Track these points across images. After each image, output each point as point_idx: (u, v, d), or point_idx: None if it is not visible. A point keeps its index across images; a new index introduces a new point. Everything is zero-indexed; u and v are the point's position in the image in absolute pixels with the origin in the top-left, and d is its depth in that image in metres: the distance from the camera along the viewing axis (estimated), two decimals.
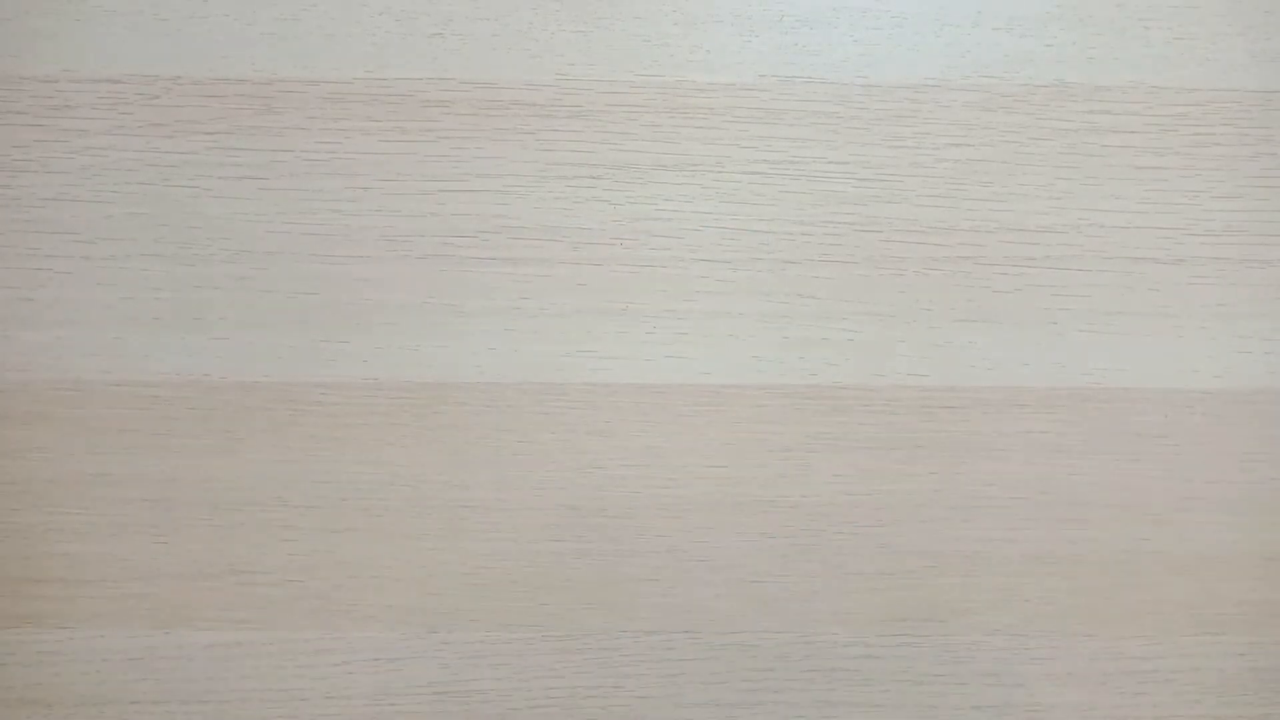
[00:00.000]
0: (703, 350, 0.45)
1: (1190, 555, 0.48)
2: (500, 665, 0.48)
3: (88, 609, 0.47)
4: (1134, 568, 0.48)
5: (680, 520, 0.47)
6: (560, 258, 0.44)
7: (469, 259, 0.44)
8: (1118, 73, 0.43)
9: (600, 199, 0.44)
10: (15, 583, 0.47)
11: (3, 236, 0.43)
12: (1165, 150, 0.44)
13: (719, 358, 0.45)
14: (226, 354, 0.45)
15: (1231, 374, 0.46)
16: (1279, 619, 0.49)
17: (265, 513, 0.47)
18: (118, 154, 0.43)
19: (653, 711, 0.49)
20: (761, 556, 0.48)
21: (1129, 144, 0.44)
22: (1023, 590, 0.48)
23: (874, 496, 0.47)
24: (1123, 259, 0.45)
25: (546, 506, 0.47)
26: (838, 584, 0.47)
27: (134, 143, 0.43)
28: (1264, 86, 0.43)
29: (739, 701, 0.49)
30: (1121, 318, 0.45)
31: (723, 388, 0.46)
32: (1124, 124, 0.44)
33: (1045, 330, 0.45)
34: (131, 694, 0.48)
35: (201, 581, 0.47)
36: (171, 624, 0.47)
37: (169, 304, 0.44)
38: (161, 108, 0.43)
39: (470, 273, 0.44)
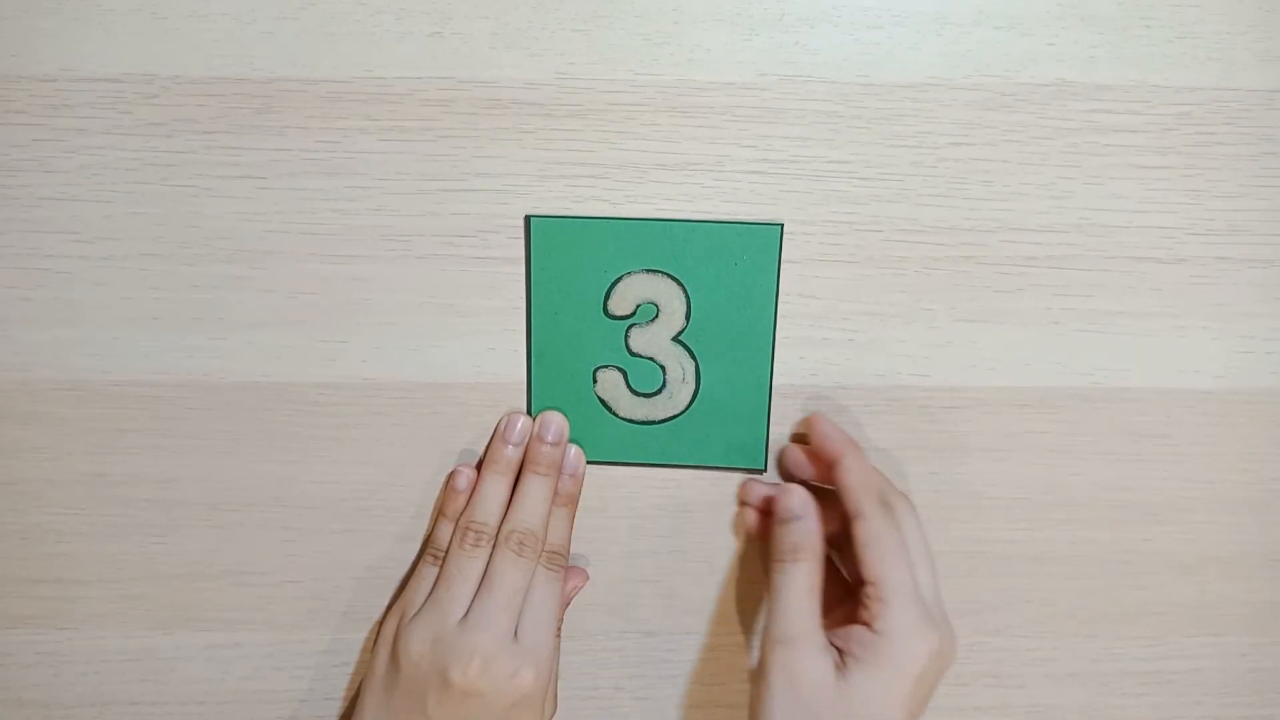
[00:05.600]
0: None
1: (1191, 555, 0.48)
2: None
3: (87, 609, 0.47)
4: (1134, 568, 0.48)
5: (680, 520, 0.47)
6: None
7: (469, 259, 0.44)
8: (1119, 72, 0.43)
9: (600, 199, 0.44)
10: (15, 583, 0.47)
11: (2, 236, 0.43)
12: (1167, 150, 0.44)
13: None
14: (226, 354, 0.45)
15: (1233, 374, 0.46)
16: (1279, 619, 0.49)
17: (264, 513, 0.47)
18: (116, 153, 0.43)
19: (653, 712, 0.49)
20: (762, 557, 0.47)
21: (1130, 143, 0.44)
22: (1023, 590, 0.48)
23: None
24: (1124, 258, 0.45)
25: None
26: None
27: (133, 142, 0.43)
28: (1266, 86, 0.43)
29: (739, 703, 0.49)
30: (1123, 317, 0.45)
31: None
32: (1126, 123, 0.43)
33: (1046, 330, 0.45)
34: (131, 694, 0.48)
35: (201, 582, 0.47)
36: (171, 624, 0.47)
37: (168, 304, 0.44)
38: (160, 107, 0.42)
39: (470, 273, 0.44)
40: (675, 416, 0.45)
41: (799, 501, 0.42)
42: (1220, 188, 0.44)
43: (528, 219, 0.43)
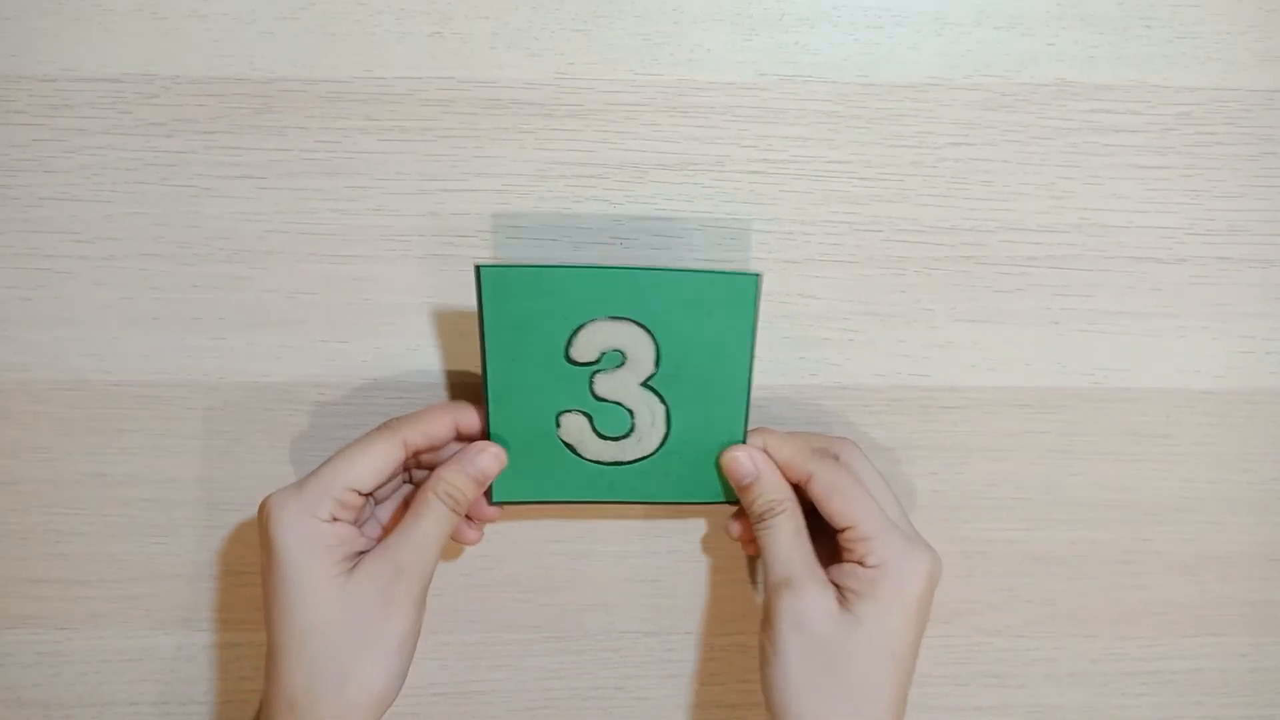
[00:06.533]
0: None
1: (1191, 555, 0.48)
2: (500, 665, 0.48)
3: (88, 609, 0.47)
4: (1135, 568, 0.48)
5: (680, 520, 0.47)
6: (560, 258, 0.44)
7: (469, 259, 0.44)
8: (1119, 72, 0.43)
9: (600, 199, 0.44)
10: (15, 583, 0.47)
11: (2, 236, 0.43)
12: (1167, 149, 0.44)
13: None
14: (226, 354, 0.45)
15: (1233, 374, 0.46)
16: (1279, 619, 0.49)
17: None
18: (116, 153, 0.43)
19: (653, 712, 0.49)
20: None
21: (1130, 143, 0.44)
22: (1023, 590, 0.48)
23: None
24: (1124, 258, 0.45)
25: (546, 506, 0.47)
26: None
27: (133, 142, 0.43)
28: (1266, 86, 0.43)
29: (739, 702, 0.49)
30: (1123, 317, 0.45)
31: None
32: (1126, 123, 0.44)
33: (1046, 330, 0.45)
34: (131, 694, 0.48)
35: (201, 582, 0.47)
36: (171, 624, 0.47)
37: (168, 304, 0.44)
38: (160, 107, 0.42)
39: (470, 273, 0.44)
40: (644, 458, 0.42)
41: (749, 463, 0.41)
42: (1220, 188, 0.44)
43: (477, 269, 0.38)
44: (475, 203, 0.43)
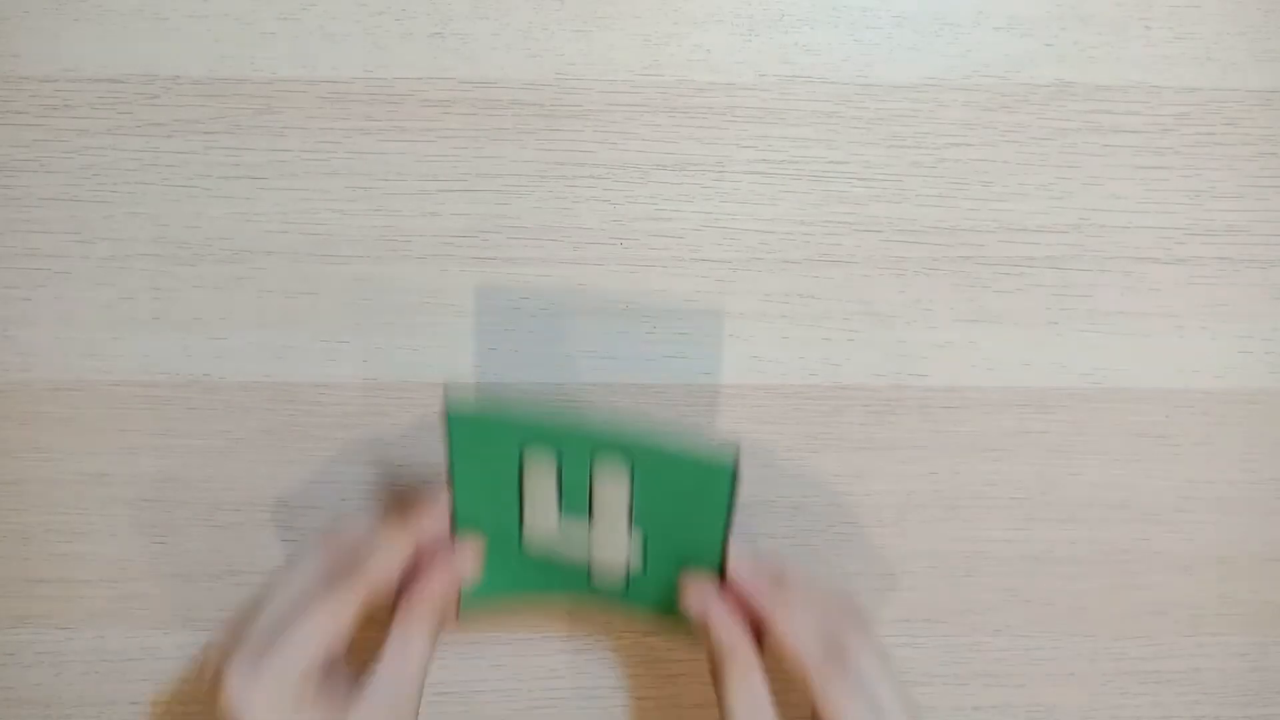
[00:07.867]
0: (703, 350, 0.45)
1: (1190, 555, 0.48)
2: (500, 665, 0.48)
3: (88, 609, 0.47)
4: (1134, 568, 0.48)
5: None
6: (560, 258, 0.44)
7: (469, 259, 0.44)
8: (1119, 72, 0.43)
9: (600, 199, 0.44)
10: (15, 583, 0.47)
11: (2, 236, 0.44)
12: (1166, 150, 0.44)
13: (719, 358, 0.45)
14: (226, 354, 0.45)
15: (1232, 374, 0.46)
16: (1279, 619, 0.49)
17: (265, 513, 0.47)
18: (117, 154, 0.43)
19: (653, 712, 0.49)
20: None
21: (1130, 144, 0.44)
22: (1023, 590, 0.48)
23: (874, 496, 0.47)
24: (1123, 259, 0.45)
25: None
26: (838, 584, 0.47)
27: (134, 142, 0.43)
28: (1265, 86, 0.43)
29: None
30: (1122, 318, 0.45)
31: (723, 388, 0.46)
32: (1125, 124, 0.44)
33: (1045, 330, 0.45)
34: (131, 694, 0.48)
35: (201, 581, 0.47)
36: (171, 624, 0.47)
37: (169, 304, 0.44)
38: (161, 107, 0.43)
39: (470, 273, 0.44)
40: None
41: (698, 602, 0.38)
42: (1220, 188, 0.44)
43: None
44: (475, 203, 0.44)
